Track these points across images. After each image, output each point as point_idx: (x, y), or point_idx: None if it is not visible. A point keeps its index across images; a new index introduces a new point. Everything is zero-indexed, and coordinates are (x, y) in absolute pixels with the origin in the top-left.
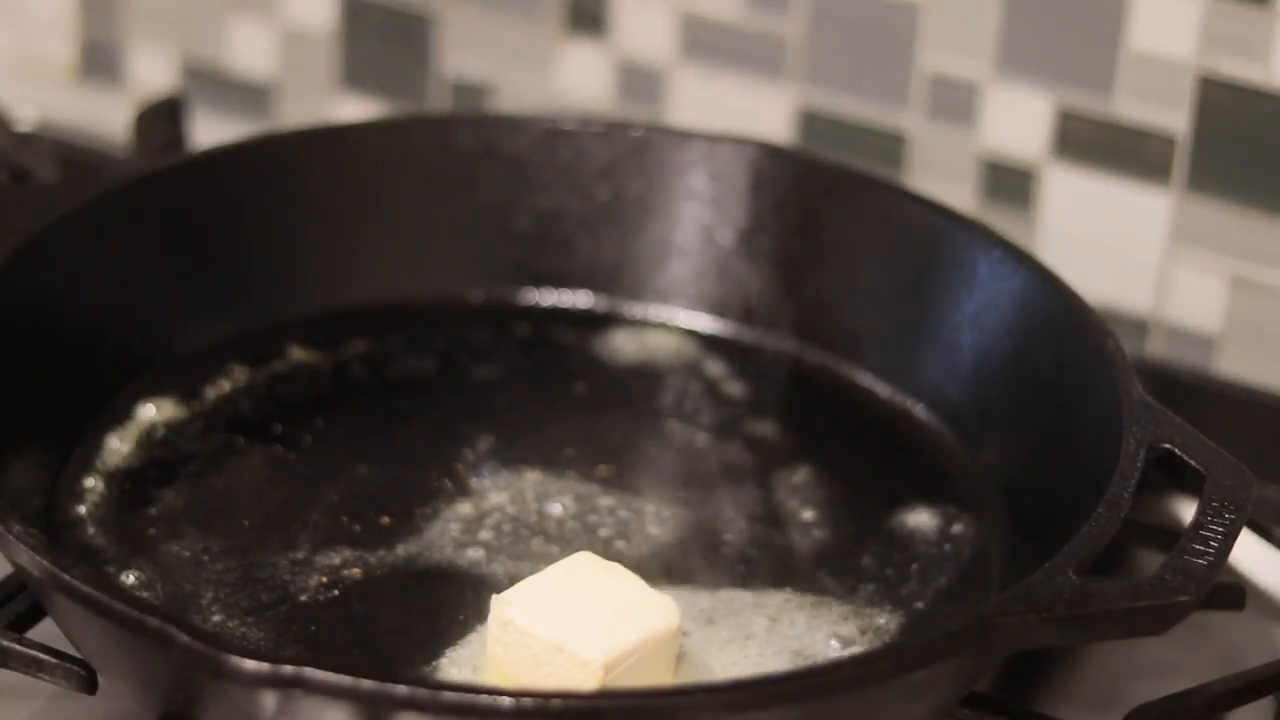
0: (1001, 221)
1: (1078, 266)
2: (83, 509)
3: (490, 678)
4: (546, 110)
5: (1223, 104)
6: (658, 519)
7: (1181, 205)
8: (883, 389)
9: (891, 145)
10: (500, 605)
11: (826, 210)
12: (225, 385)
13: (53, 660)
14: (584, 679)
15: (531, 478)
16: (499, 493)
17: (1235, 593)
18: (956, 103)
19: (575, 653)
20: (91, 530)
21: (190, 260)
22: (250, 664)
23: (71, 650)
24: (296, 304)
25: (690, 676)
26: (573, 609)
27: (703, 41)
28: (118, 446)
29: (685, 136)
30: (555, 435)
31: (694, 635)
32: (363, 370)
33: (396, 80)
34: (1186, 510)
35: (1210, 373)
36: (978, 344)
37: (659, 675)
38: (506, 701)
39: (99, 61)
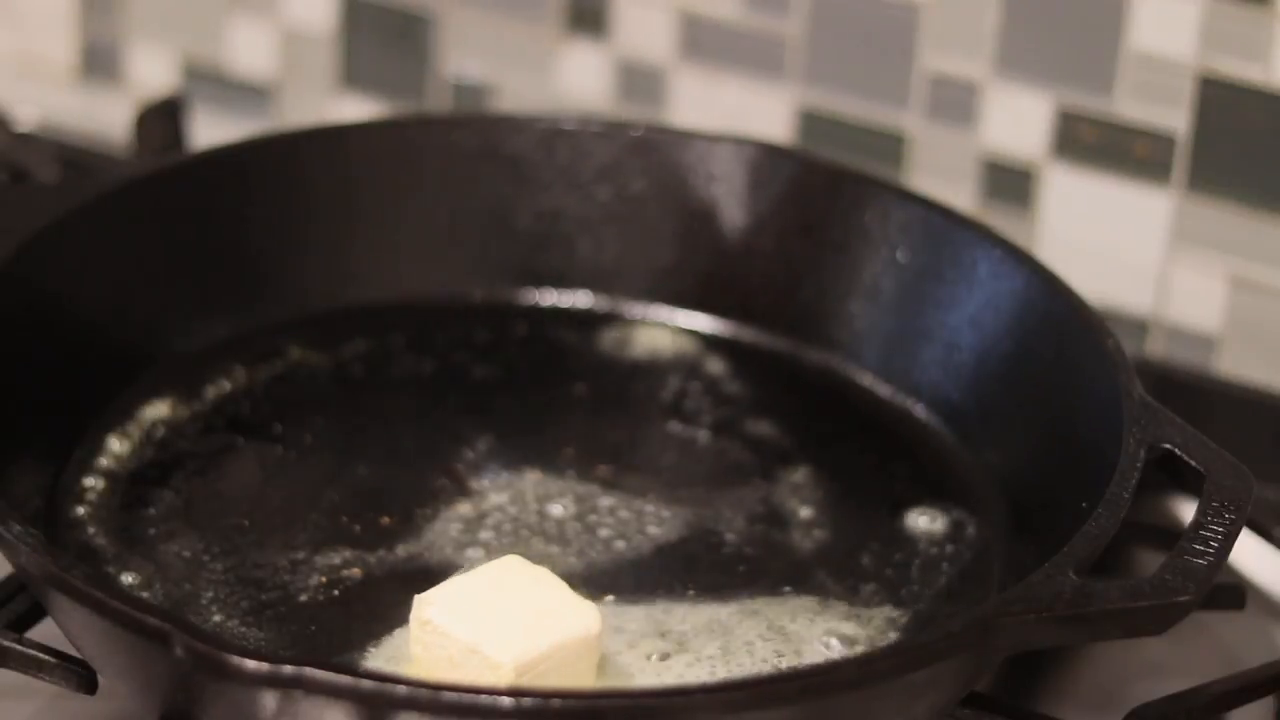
0: (1001, 221)
1: (1078, 266)
2: (83, 509)
3: None
4: (546, 110)
5: (1223, 104)
6: (658, 519)
7: (1181, 205)
8: (883, 389)
9: (891, 145)
10: (420, 605)
11: (826, 210)
12: (225, 385)
13: (53, 660)
14: (496, 681)
15: (531, 478)
16: (499, 493)
17: (1235, 593)
18: (956, 103)
19: (488, 654)
20: (91, 530)
21: (190, 260)
22: (250, 664)
23: (71, 650)
24: (296, 304)
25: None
26: (491, 611)
27: (703, 41)
28: (118, 446)
29: (685, 136)
30: (555, 435)
31: (687, 641)
32: (363, 370)
33: (396, 80)
34: (1186, 510)
35: (1210, 373)
36: (978, 344)
37: (577, 681)
38: (506, 701)
39: (99, 61)
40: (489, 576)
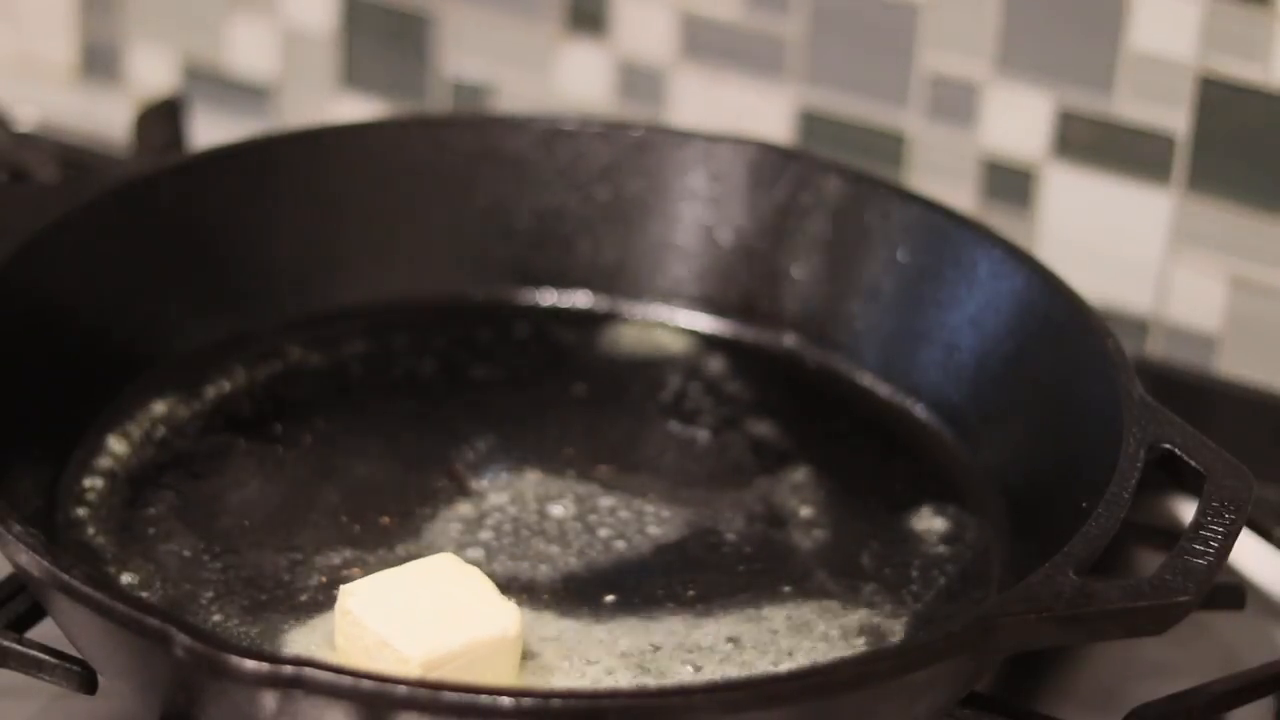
0: (1001, 221)
1: (1078, 266)
2: (83, 509)
3: None
4: (546, 110)
5: (1223, 104)
6: (658, 519)
7: (1181, 205)
8: (883, 389)
9: (891, 145)
10: (344, 595)
11: (827, 210)
12: (225, 385)
13: (53, 660)
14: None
15: (531, 478)
16: (499, 493)
17: (1235, 593)
18: (956, 103)
19: (397, 648)
20: (91, 530)
21: (190, 260)
22: (250, 664)
23: (71, 650)
24: (296, 304)
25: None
26: (410, 606)
27: (703, 41)
28: (118, 446)
29: (685, 136)
30: (555, 435)
31: (687, 642)
32: (363, 370)
33: (396, 80)
34: (1186, 510)
35: (1210, 373)
36: (978, 344)
37: (495, 680)
38: (507, 701)
39: (99, 61)
40: (417, 572)
